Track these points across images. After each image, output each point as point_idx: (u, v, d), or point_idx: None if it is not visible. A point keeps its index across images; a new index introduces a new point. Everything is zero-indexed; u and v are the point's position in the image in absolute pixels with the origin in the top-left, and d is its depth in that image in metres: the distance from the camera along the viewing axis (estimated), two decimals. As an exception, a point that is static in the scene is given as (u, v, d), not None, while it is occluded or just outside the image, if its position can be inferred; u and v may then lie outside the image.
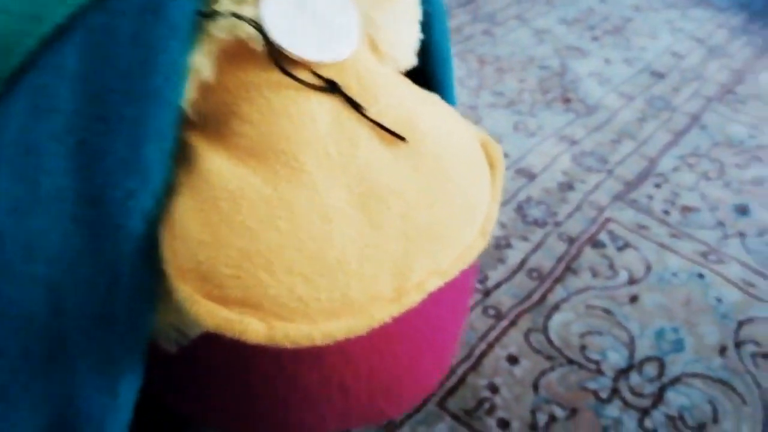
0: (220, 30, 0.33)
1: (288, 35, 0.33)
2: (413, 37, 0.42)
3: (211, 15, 0.33)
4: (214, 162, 0.32)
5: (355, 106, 0.35)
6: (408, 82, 0.41)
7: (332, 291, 0.31)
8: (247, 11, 0.33)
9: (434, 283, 0.35)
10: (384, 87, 0.36)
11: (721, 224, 0.86)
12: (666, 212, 0.87)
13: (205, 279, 0.31)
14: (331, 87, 0.34)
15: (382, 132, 0.35)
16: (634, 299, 0.73)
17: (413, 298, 0.34)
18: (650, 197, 0.89)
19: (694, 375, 0.65)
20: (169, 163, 0.33)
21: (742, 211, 0.89)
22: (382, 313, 0.32)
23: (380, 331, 0.33)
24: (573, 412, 0.60)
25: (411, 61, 0.42)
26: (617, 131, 1.02)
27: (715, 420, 0.61)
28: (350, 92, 0.34)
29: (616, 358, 0.66)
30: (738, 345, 0.69)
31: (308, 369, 0.36)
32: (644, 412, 0.61)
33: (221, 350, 0.35)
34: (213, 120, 0.34)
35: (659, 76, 1.19)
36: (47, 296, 0.33)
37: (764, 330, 0.71)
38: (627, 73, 1.18)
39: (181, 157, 0.33)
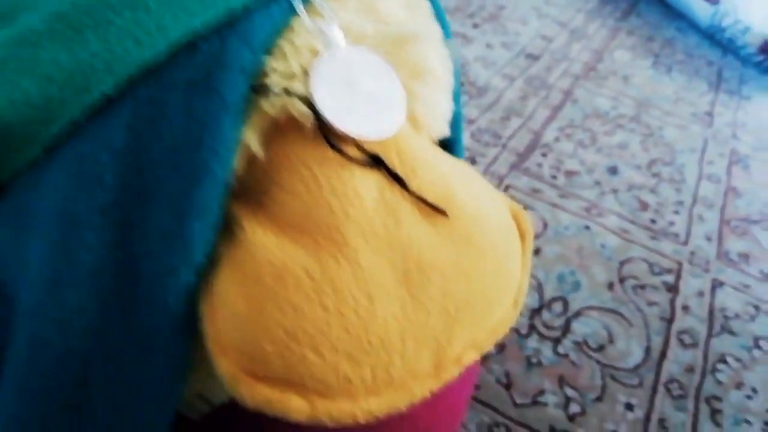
0: (272, 106, 0.32)
1: (337, 111, 0.32)
2: (448, 108, 0.41)
3: (262, 90, 0.32)
4: (257, 234, 0.31)
5: (399, 181, 0.34)
6: (440, 151, 0.40)
7: (375, 369, 0.30)
8: (297, 86, 0.32)
9: (471, 357, 0.35)
10: (422, 160, 0.35)
11: (598, 183, 1.01)
12: (554, 177, 1.01)
13: (248, 356, 0.29)
14: (374, 161, 0.33)
15: (423, 206, 0.34)
16: (537, 251, 0.86)
17: (451, 373, 0.33)
18: (539, 165, 1.03)
19: (591, 308, 0.79)
20: (213, 238, 0.31)
21: (613, 171, 1.05)
22: (423, 388, 0.32)
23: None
24: (501, 347, 0.72)
25: (445, 131, 0.41)
26: (505, 109, 1.15)
27: (611, 341, 0.75)
28: (391, 166, 0.34)
29: (529, 301, 0.78)
30: (621, 280, 0.84)
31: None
32: (557, 341, 0.74)
33: (244, 419, 0.35)
34: (257, 190, 0.33)
35: (534, 58, 1.34)
36: (78, 368, 0.32)
37: (639, 267, 0.87)
38: (507, 56, 1.33)
39: (224, 229, 0.32)
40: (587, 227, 0.92)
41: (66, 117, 0.31)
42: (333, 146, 0.33)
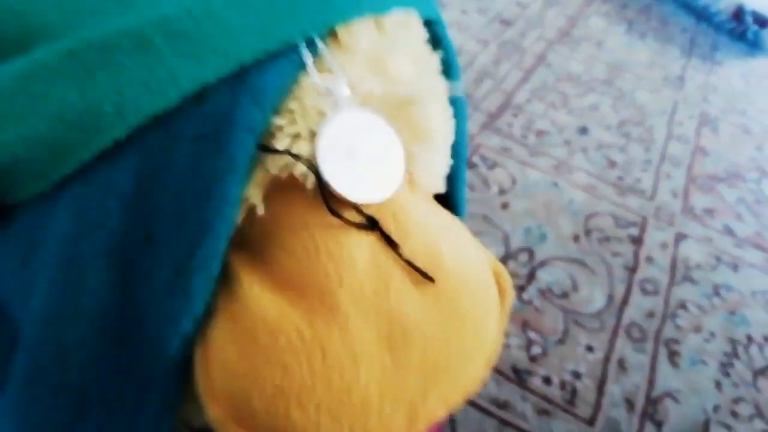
0: (276, 166, 0.33)
1: (339, 176, 0.34)
2: (445, 165, 0.42)
3: (268, 150, 0.33)
4: (254, 290, 0.32)
5: (392, 245, 0.35)
6: (433, 208, 0.41)
7: (354, 426, 0.32)
8: (302, 147, 0.33)
9: (441, 413, 0.36)
10: (415, 221, 0.36)
11: (567, 143, 1.03)
12: (524, 136, 1.02)
13: (237, 407, 0.31)
14: (371, 225, 0.34)
15: (412, 270, 0.35)
16: (505, 206, 0.87)
17: (421, 428, 0.35)
18: (510, 125, 1.04)
19: (556, 258, 0.81)
20: (212, 289, 0.32)
21: (583, 131, 1.06)
22: None
23: None
24: (467, 295, 0.73)
25: (440, 188, 0.43)
26: (478, 72, 1.16)
27: (575, 289, 0.77)
28: (387, 229, 0.35)
29: (495, 251, 0.79)
30: (587, 233, 0.86)
31: None
32: (521, 288, 0.76)
33: None
34: (256, 245, 0.34)
35: (508, 23, 1.35)
36: (75, 402, 0.33)
37: (605, 221, 0.89)
38: (481, 21, 1.33)
39: (222, 278, 0.33)
40: (555, 184, 0.93)
41: (75, 159, 0.31)
42: (333, 212, 0.33)
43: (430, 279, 0.35)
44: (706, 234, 0.90)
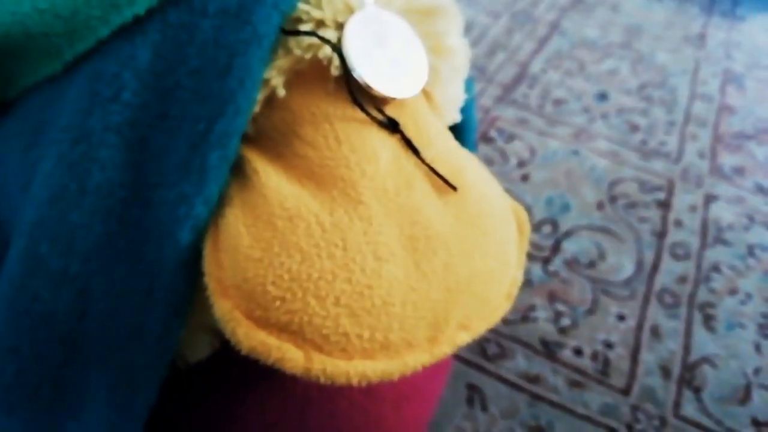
0: (300, 47, 0.31)
1: (365, 66, 0.32)
2: (461, 95, 0.41)
3: (293, 33, 0.31)
4: (271, 178, 0.31)
5: (414, 150, 0.34)
6: (452, 137, 0.40)
7: (374, 330, 0.29)
8: (329, 34, 0.32)
9: (463, 338, 0.34)
10: (436, 134, 0.35)
11: (586, 110, 1.00)
12: (541, 107, 0.99)
13: (249, 297, 0.28)
14: (393, 126, 0.33)
15: (434, 178, 0.34)
16: (525, 178, 0.85)
17: (443, 350, 0.32)
18: (526, 96, 1.01)
19: (581, 227, 0.79)
20: (227, 174, 0.31)
21: (602, 97, 1.03)
22: (415, 361, 0.31)
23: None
24: (490, 270, 0.71)
25: (456, 117, 0.41)
26: (490, 44, 1.13)
27: (602, 257, 0.75)
28: (408, 134, 0.34)
29: (518, 224, 0.77)
30: (612, 200, 0.83)
31: (317, 410, 0.36)
32: (546, 261, 0.73)
33: (216, 382, 0.36)
34: (273, 138, 0.32)
35: (519, -7, 1.32)
36: (75, 297, 0.31)
37: (630, 186, 0.86)
38: (491, -6, 1.30)
39: (236, 171, 0.31)
40: (576, 152, 0.90)
41: (92, 35, 0.30)
42: (356, 101, 0.32)
43: (453, 187, 0.34)
44: (737, 194, 0.87)
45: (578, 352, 0.64)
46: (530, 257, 0.73)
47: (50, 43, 0.30)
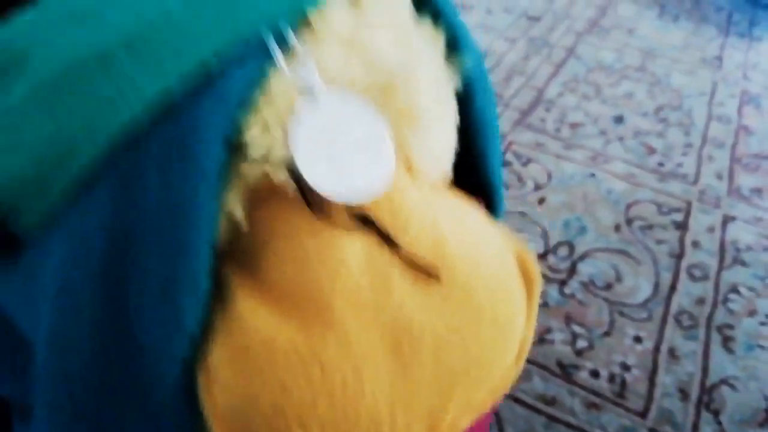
0: (252, 175, 0.32)
1: (321, 176, 0.31)
2: (448, 146, 0.39)
3: (240, 148, 0.31)
4: (247, 307, 0.31)
5: (389, 243, 0.33)
6: (441, 194, 0.38)
7: None
8: (276, 149, 0.31)
9: (467, 419, 0.34)
10: (416, 211, 0.34)
11: (603, 133, 1.01)
12: (557, 130, 1.01)
13: (239, 427, 0.31)
14: (363, 222, 0.33)
15: (415, 266, 0.33)
16: (541, 201, 0.86)
17: None
18: (543, 120, 1.03)
19: (597, 249, 0.79)
20: (204, 306, 0.31)
21: (619, 120, 1.04)
22: None
23: None
24: (507, 292, 0.72)
25: (447, 172, 0.39)
26: (507, 70, 1.15)
27: (619, 279, 0.75)
28: (382, 224, 0.33)
29: (534, 247, 0.79)
30: (629, 222, 0.84)
31: None
32: (562, 283, 0.74)
33: None
34: (249, 254, 0.33)
35: (535, 19, 1.34)
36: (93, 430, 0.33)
37: (647, 208, 0.86)
38: (508, 20, 1.32)
39: (218, 292, 0.32)
40: (593, 175, 0.92)
41: (56, 189, 0.31)
42: (317, 214, 0.32)
43: (435, 276, 0.33)
44: (755, 214, 0.87)
45: (595, 374, 0.65)
46: (547, 279, 0.74)
47: (26, 201, 0.32)
